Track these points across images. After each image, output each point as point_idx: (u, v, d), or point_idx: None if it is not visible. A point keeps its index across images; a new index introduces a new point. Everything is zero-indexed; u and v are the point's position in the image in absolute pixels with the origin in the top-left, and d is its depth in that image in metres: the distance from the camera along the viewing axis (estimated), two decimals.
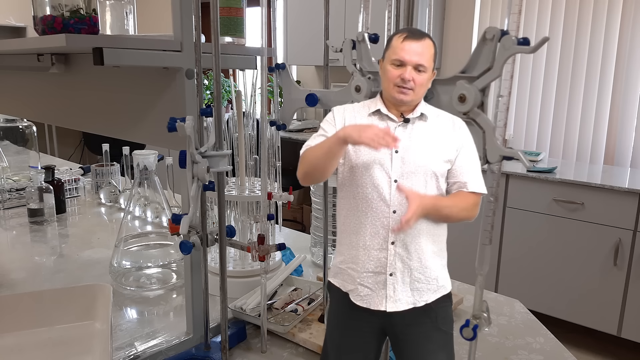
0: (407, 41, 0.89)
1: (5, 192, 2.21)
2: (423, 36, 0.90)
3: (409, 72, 0.88)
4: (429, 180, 0.91)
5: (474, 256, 0.94)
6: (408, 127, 0.92)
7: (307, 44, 4.02)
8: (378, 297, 0.93)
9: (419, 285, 0.93)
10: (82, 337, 1.13)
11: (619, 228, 2.58)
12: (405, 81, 0.88)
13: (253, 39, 1.29)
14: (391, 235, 0.90)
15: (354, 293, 0.95)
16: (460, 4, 3.55)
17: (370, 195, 0.91)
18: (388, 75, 0.91)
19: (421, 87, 0.90)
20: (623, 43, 3.05)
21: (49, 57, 1.29)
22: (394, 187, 0.90)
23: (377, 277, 0.92)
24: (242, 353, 1.17)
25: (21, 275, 1.55)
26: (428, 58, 0.89)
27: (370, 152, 0.90)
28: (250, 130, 1.45)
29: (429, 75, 0.91)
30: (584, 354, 2.77)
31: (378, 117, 0.94)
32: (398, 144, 0.88)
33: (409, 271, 0.92)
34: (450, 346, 0.96)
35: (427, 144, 0.91)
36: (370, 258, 0.92)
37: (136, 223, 1.62)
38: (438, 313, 0.94)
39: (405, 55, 0.88)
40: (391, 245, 0.91)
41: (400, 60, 0.89)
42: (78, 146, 5.77)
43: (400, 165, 0.90)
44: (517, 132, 3.49)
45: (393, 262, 0.91)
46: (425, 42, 0.89)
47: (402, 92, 0.89)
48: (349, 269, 0.95)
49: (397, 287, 0.92)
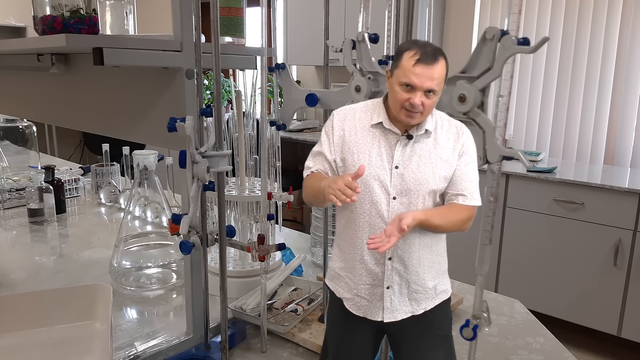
0: (419, 65, 0.83)
1: (5, 192, 2.22)
2: (436, 58, 0.84)
3: (419, 98, 0.84)
4: (427, 198, 0.89)
5: (474, 256, 0.94)
6: (410, 143, 0.89)
7: (307, 44, 4.02)
8: (375, 307, 0.92)
9: (417, 295, 0.93)
10: (82, 337, 1.13)
11: (619, 228, 2.58)
12: (414, 106, 0.84)
13: (253, 39, 1.29)
14: (388, 251, 0.88)
15: (351, 302, 0.94)
16: (460, 4, 3.55)
17: (368, 211, 0.89)
18: (396, 97, 0.86)
19: (430, 109, 0.86)
20: (623, 43, 3.05)
21: (49, 57, 1.29)
22: (392, 204, 0.88)
23: (374, 289, 0.92)
24: (242, 353, 1.17)
25: (21, 275, 1.55)
26: (440, 82, 0.84)
27: (370, 167, 0.88)
28: (250, 130, 1.45)
29: (439, 96, 0.87)
30: (584, 354, 2.77)
31: (380, 130, 0.90)
32: (397, 159, 0.87)
33: (406, 284, 0.92)
34: (449, 345, 0.96)
35: (428, 161, 0.89)
36: (366, 272, 0.92)
37: (136, 223, 1.62)
38: (436, 314, 0.94)
39: (416, 80, 0.83)
40: (388, 261, 0.90)
41: (411, 84, 0.84)
42: (78, 146, 5.77)
43: (399, 182, 0.88)
44: (517, 132, 3.49)
45: (390, 276, 0.91)
46: (438, 66, 0.83)
47: (410, 116, 0.85)
48: (346, 277, 0.95)
49: (394, 299, 0.92)
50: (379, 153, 0.89)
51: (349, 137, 0.92)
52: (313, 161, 0.95)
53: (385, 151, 0.89)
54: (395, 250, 0.89)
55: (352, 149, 0.91)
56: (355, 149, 0.91)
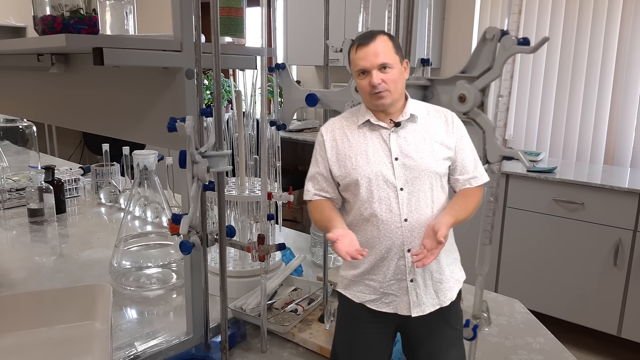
0: (360, 48, 0.88)
1: (5, 192, 2.22)
2: (374, 36, 0.88)
3: (376, 76, 0.87)
4: (434, 183, 0.90)
5: (474, 256, 0.94)
6: (402, 131, 0.91)
7: (307, 44, 4.02)
8: (403, 302, 0.92)
9: (441, 286, 0.93)
10: (82, 337, 1.13)
11: (619, 228, 2.58)
12: (375, 86, 0.87)
13: (253, 39, 1.29)
14: (406, 243, 0.89)
15: (378, 302, 0.94)
16: (460, 4, 3.55)
17: (378, 209, 0.89)
18: (361, 88, 0.90)
19: (395, 84, 0.89)
20: (623, 43, 3.05)
21: (49, 57, 1.28)
22: (401, 195, 0.89)
23: (400, 283, 0.92)
24: (242, 353, 1.17)
25: (21, 275, 1.55)
26: (388, 54, 0.88)
27: (370, 164, 0.89)
28: (250, 130, 1.45)
29: (399, 69, 0.89)
30: (584, 354, 2.77)
31: (369, 128, 0.92)
32: (395, 150, 0.88)
33: (429, 274, 0.92)
34: (460, 343, 0.96)
35: (424, 146, 0.90)
36: (389, 268, 0.92)
37: (136, 223, 1.62)
38: (451, 311, 0.95)
39: (363, 62, 0.88)
40: (407, 253, 0.90)
41: (362, 69, 0.88)
42: (78, 146, 5.77)
43: (403, 173, 0.89)
44: (517, 132, 3.49)
45: (412, 268, 0.91)
46: (378, 41, 0.88)
47: (379, 97, 0.88)
48: (367, 280, 0.94)
49: (419, 292, 0.92)
50: (375, 149, 0.90)
51: (341, 143, 0.93)
52: (312, 183, 0.96)
53: (381, 146, 0.90)
54: (412, 241, 0.89)
55: (348, 152, 0.92)
56: (350, 152, 0.92)
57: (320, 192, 0.95)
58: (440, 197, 0.91)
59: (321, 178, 0.95)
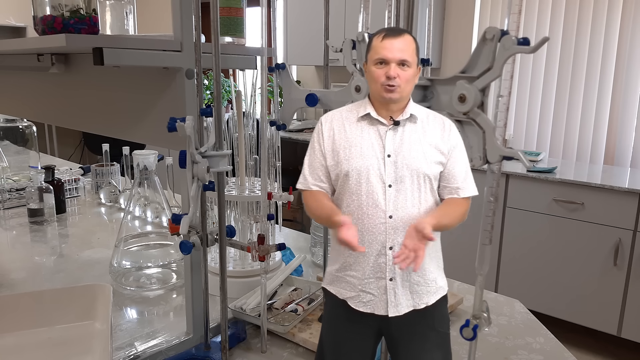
0: (387, 39, 0.88)
1: (5, 192, 2.22)
2: (402, 32, 0.89)
3: (394, 69, 0.87)
4: (422, 184, 0.90)
5: (474, 256, 0.94)
6: (399, 129, 0.91)
7: (307, 44, 4.02)
8: (381, 302, 0.92)
9: (418, 288, 0.93)
10: (82, 337, 1.13)
11: (619, 228, 2.58)
12: (390, 78, 0.88)
13: (253, 39, 1.29)
14: (389, 240, 0.90)
15: (356, 300, 0.94)
16: (460, 4, 3.55)
17: (364, 202, 0.90)
18: (374, 76, 0.90)
19: (407, 84, 0.89)
20: (623, 43, 3.05)
21: (49, 57, 1.29)
22: (388, 192, 0.89)
23: (378, 282, 0.92)
24: (242, 353, 1.17)
25: (21, 275, 1.55)
26: (411, 53, 0.88)
27: (362, 158, 0.90)
28: (250, 130, 1.45)
29: (414, 71, 0.90)
30: (584, 354, 2.77)
31: (367, 122, 0.93)
32: (389, 147, 0.89)
33: (407, 274, 0.92)
34: (446, 345, 0.96)
35: (418, 147, 0.90)
36: (369, 264, 0.92)
37: (136, 223, 1.62)
38: (434, 314, 0.94)
39: (387, 53, 0.87)
40: (389, 251, 0.90)
41: (383, 59, 0.88)
42: (78, 146, 5.77)
43: (393, 170, 0.89)
44: (517, 132, 3.49)
45: (392, 267, 0.91)
46: (405, 38, 0.88)
47: (390, 90, 0.89)
48: (347, 277, 0.94)
49: (397, 292, 0.92)
50: (370, 144, 0.91)
51: (338, 134, 0.94)
52: (310, 172, 0.96)
53: (376, 141, 0.91)
54: (396, 239, 0.90)
55: (343, 143, 0.92)
56: (346, 143, 0.92)
57: (318, 182, 0.95)
58: (428, 199, 0.91)
59: (319, 167, 0.95)
